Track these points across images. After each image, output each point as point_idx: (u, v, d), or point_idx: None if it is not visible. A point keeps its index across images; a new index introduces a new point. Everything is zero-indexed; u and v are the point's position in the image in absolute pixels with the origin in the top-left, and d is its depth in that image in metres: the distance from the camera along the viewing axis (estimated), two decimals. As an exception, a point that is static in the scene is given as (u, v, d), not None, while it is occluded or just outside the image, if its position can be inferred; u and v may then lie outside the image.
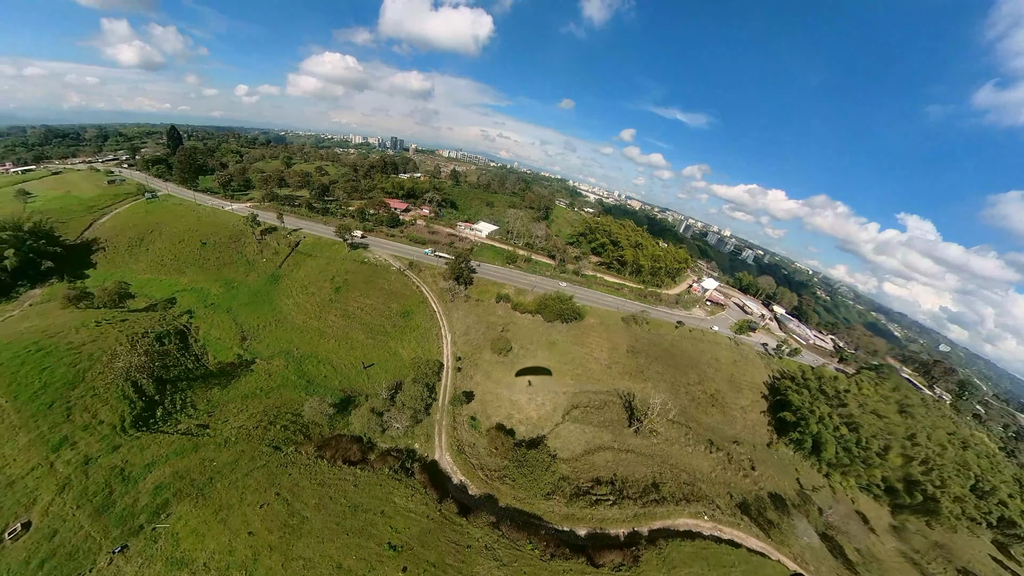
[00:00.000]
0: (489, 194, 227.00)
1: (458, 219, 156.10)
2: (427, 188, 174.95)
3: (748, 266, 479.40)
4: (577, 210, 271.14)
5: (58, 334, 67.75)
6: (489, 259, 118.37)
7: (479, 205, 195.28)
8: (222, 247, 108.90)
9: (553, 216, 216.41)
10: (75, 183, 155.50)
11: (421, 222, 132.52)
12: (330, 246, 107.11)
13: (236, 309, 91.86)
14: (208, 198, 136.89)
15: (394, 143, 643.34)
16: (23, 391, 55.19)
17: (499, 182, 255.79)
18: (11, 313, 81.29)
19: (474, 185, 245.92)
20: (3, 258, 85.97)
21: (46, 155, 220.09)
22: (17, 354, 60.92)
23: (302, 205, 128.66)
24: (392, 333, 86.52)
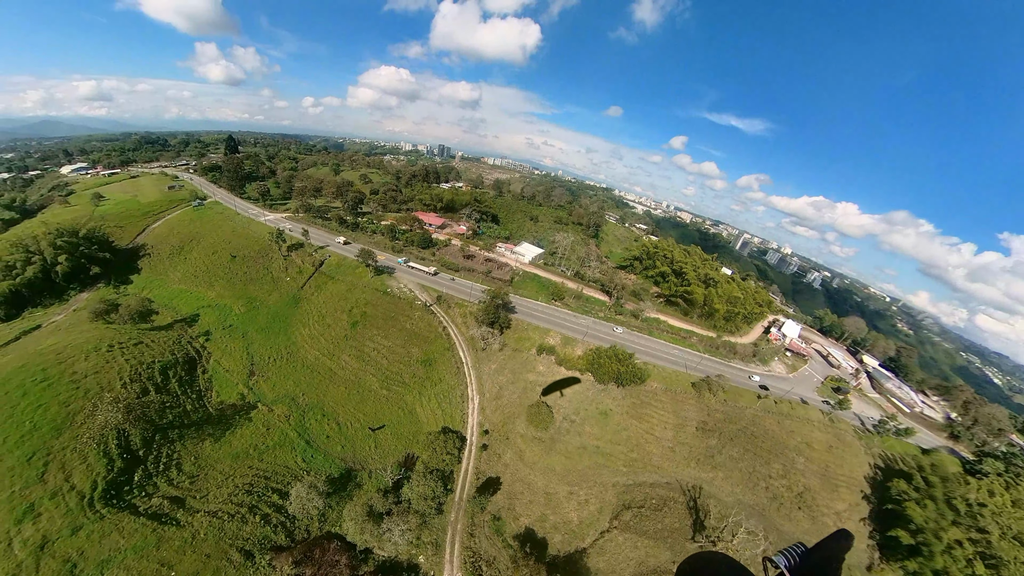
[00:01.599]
0: (533, 207, 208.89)
1: (498, 236, 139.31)
2: (467, 200, 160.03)
3: (813, 291, 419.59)
4: (628, 226, 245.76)
5: (67, 360, 61.06)
6: (531, 292, 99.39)
7: (522, 219, 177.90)
8: (250, 262, 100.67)
9: (602, 234, 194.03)
10: (142, 187, 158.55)
11: (457, 242, 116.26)
12: (353, 269, 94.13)
13: (251, 335, 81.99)
14: (249, 206, 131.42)
15: (441, 150, 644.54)
16: (13, 432, 49.16)
17: (544, 193, 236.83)
18: (55, 318, 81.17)
19: (518, 196, 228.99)
20: (56, 264, 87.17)
21: (132, 159, 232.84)
22: (23, 383, 55.48)
23: (333, 219, 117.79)
24: (410, 385, 70.69)
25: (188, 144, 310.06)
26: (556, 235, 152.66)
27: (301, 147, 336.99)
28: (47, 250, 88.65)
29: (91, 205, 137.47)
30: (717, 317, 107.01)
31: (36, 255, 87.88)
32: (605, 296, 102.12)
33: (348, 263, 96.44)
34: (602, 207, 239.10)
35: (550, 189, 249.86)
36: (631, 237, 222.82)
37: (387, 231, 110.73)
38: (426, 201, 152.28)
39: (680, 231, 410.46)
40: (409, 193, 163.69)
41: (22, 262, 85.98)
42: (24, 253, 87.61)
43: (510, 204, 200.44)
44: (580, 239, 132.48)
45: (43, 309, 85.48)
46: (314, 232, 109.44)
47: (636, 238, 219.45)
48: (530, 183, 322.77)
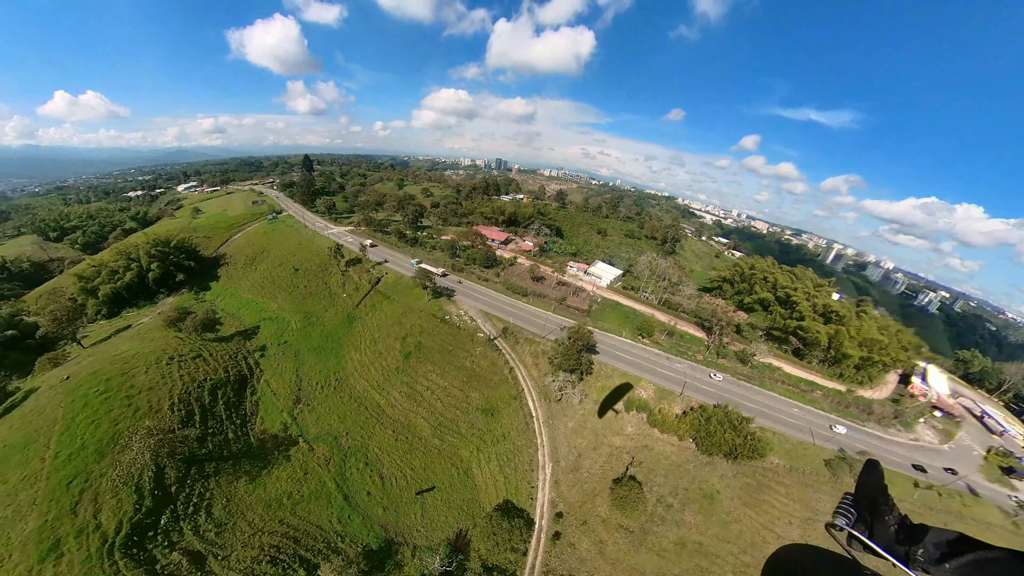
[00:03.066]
0: (599, 219, 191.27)
1: (565, 251, 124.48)
2: (530, 213, 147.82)
3: (928, 316, 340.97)
4: (706, 239, 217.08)
5: (129, 371, 59.65)
6: (613, 325, 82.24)
7: (588, 232, 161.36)
8: (310, 276, 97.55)
9: (678, 249, 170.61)
10: (233, 203, 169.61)
11: (523, 260, 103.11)
12: (410, 289, 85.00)
13: (304, 355, 76.45)
14: (316, 219, 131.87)
15: (498, 164, 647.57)
16: (65, 448, 46.80)
17: (611, 204, 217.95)
18: (143, 320, 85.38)
19: (581, 208, 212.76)
20: (149, 270, 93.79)
21: (231, 179, 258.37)
22: (87, 392, 54.41)
23: (393, 233, 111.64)
24: (468, 437, 57.97)
25: (277, 165, 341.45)
26: (630, 252, 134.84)
27: (370, 165, 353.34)
28: (143, 258, 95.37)
29: (190, 217, 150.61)
30: (846, 364, 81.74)
31: (135, 262, 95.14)
32: (702, 332, 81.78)
33: (405, 282, 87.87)
34: (677, 219, 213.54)
35: (616, 200, 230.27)
36: (711, 252, 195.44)
37: (447, 247, 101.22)
38: (487, 214, 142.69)
39: (756, 243, 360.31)
40: (469, 206, 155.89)
41: (123, 267, 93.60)
42: (126, 260, 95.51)
43: (574, 217, 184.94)
44: (656, 256, 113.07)
45: (137, 310, 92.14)
46: (376, 248, 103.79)
47: (717, 253, 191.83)
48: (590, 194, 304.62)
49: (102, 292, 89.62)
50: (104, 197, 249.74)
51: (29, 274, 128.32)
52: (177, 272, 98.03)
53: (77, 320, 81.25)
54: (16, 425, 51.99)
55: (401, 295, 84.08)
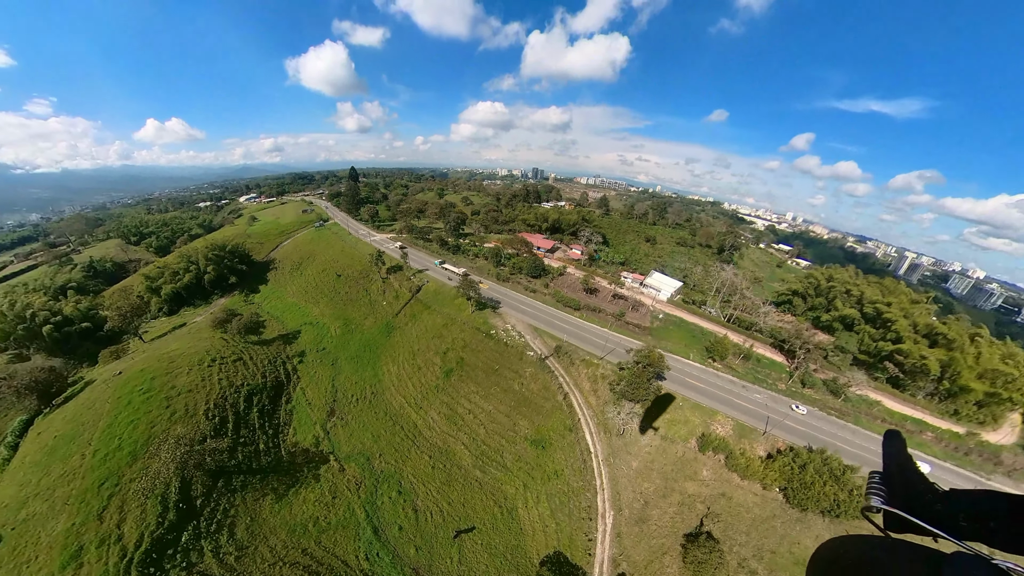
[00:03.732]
0: (646, 226, 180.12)
1: (613, 261, 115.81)
2: (575, 220, 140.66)
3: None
4: (765, 247, 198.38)
5: (173, 371, 60.06)
6: (679, 346, 72.49)
7: (635, 240, 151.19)
8: (352, 282, 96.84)
9: (736, 258, 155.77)
10: (285, 211, 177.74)
11: (574, 271, 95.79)
12: (451, 300, 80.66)
13: (341, 363, 74.57)
14: (360, 227, 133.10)
15: (535, 173, 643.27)
16: (103, 447, 46.31)
17: (657, 211, 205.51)
18: (196, 319, 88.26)
19: (626, 214, 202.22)
20: (205, 273, 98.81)
21: (285, 190, 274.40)
22: (132, 391, 54.62)
23: (434, 240, 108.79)
24: (514, 471, 51.41)
25: (327, 178, 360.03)
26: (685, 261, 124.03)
27: (412, 177, 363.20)
28: (201, 261, 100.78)
29: (247, 225, 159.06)
30: (964, 400, 66.69)
31: (194, 264, 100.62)
32: (782, 356, 70.20)
33: (447, 291, 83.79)
34: (731, 225, 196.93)
35: (663, 205, 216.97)
36: (771, 261, 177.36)
37: (491, 255, 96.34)
38: (529, 221, 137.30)
39: (816, 249, 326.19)
40: (510, 214, 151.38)
41: (183, 269, 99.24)
42: (186, 262, 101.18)
43: (619, 224, 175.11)
44: (721, 266, 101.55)
45: (193, 309, 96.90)
46: (414, 253, 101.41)
47: (779, 263, 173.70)
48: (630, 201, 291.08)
49: (164, 291, 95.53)
50: (179, 207, 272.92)
51: (111, 272, 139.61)
52: (230, 275, 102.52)
53: (140, 316, 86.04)
54: (70, 416, 53.29)
55: (442, 305, 79.94)
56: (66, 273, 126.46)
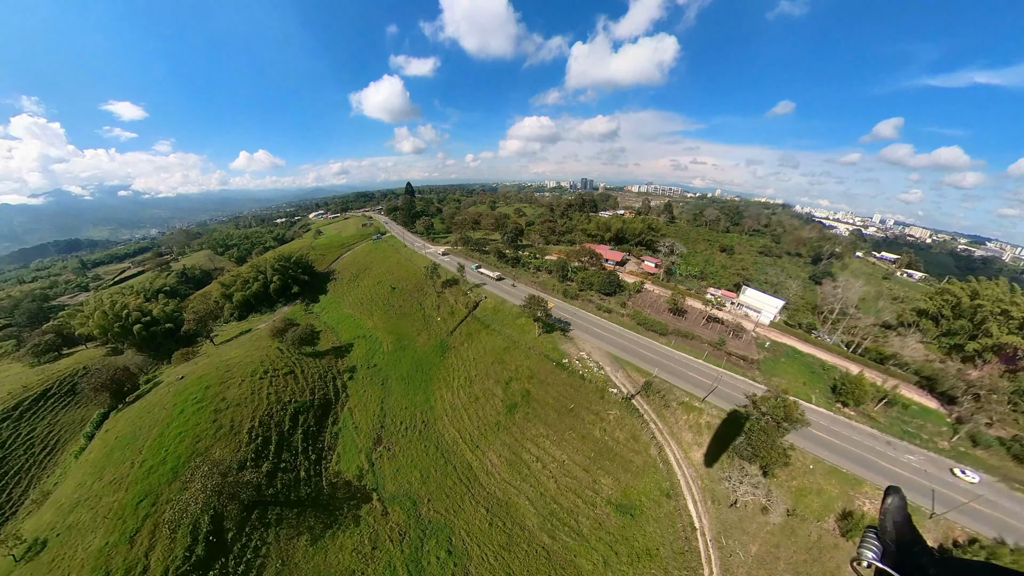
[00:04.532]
0: (719, 234, 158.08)
1: (687, 273, 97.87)
2: (640, 229, 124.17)
3: None
4: (864, 256, 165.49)
5: (226, 381, 58.44)
6: (795, 383, 54.49)
7: (708, 250, 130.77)
8: (406, 295, 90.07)
9: (835, 269, 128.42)
10: (346, 226, 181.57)
11: (652, 287, 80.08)
12: (513, 319, 69.07)
13: (391, 383, 66.94)
14: (415, 239, 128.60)
15: (584, 184, 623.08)
16: (150, 459, 44.66)
17: (731, 216, 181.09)
18: (260, 325, 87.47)
19: (694, 222, 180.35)
20: (271, 282, 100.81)
21: (349, 207, 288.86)
22: (186, 399, 53.33)
23: (491, 252, 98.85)
24: (591, 541, 37.40)
25: (386, 195, 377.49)
26: (775, 274, 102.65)
27: (463, 191, 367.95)
28: (269, 271, 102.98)
29: (312, 238, 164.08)
30: None
31: (262, 274, 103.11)
32: (934, 402, 48.39)
33: (507, 309, 72.56)
34: (825, 236, 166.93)
35: (735, 210, 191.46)
36: (874, 273, 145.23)
37: (556, 268, 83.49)
38: (590, 231, 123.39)
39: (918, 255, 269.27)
40: (567, 224, 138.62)
41: (253, 278, 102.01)
42: (256, 272, 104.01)
43: (686, 232, 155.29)
44: (833, 281, 79.97)
45: (260, 315, 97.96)
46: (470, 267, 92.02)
47: (885, 274, 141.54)
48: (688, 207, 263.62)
49: (235, 298, 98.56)
50: (260, 223, 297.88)
51: (199, 279, 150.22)
52: (293, 284, 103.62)
53: (215, 319, 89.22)
54: (133, 417, 53.14)
55: (503, 325, 68.58)
56: (163, 278, 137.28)
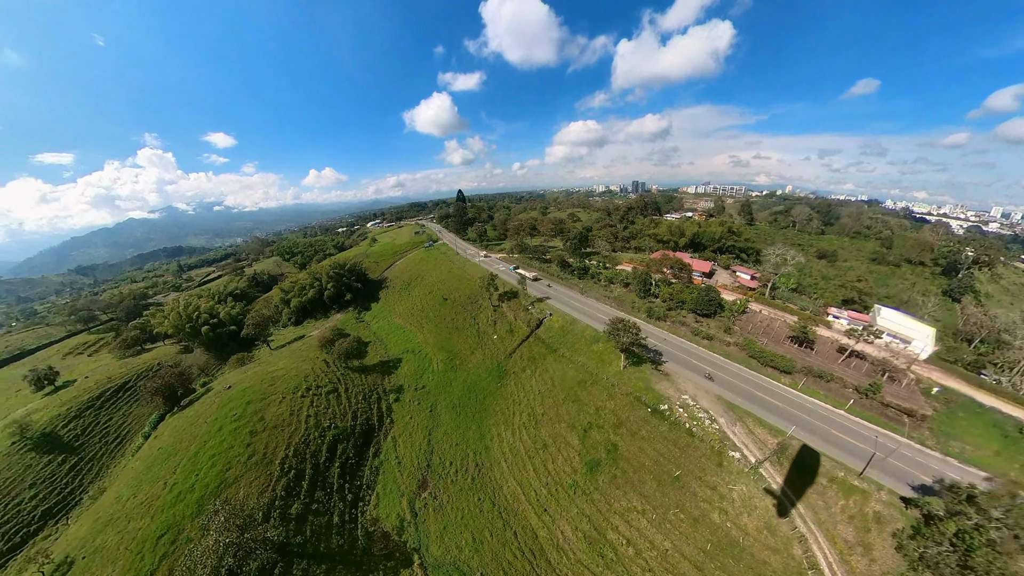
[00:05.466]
0: (811, 236, 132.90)
1: (783, 286, 77.60)
2: (719, 234, 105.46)
3: None
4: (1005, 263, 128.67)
5: (268, 397, 53.13)
6: (984, 452, 36.44)
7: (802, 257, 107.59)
8: (459, 308, 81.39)
9: (977, 283, 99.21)
10: (400, 234, 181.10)
11: (759, 307, 62.01)
12: (587, 344, 56.31)
13: (440, 411, 58.17)
14: (468, 247, 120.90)
15: (635, 187, 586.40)
16: (182, 480, 40.86)
17: (823, 217, 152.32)
18: (313, 332, 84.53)
19: (776, 223, 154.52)
20: (325, 289, 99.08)
21: (403, 216, 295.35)
22: (227, 415, 49.45)
23: (553, 260, 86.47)
24: None
25: (437, 205, 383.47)
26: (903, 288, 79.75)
27: (512, 199, 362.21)
28: (324, 278, 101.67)
29: (368, 245, 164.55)
30: None
31: (318, 281, 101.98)
32: None
33: (579, 331, 59.91)
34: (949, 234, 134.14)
35: (828, 208, 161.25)
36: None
37: (633, 281, 68.65)
38: (661, 236, 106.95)
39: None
40: (631, 228, 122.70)
41: (309, 285, 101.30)
42: (312, 279, 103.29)
43: (771, 235, 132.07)
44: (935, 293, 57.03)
45: (314, 321, 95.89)
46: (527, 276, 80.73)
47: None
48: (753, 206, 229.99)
49: (292, 304, 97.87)
50: (324, 233, 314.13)
51: (267, 283, 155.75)
52: (347, 292, 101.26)
53: (275, 323, 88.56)
54: (179, 427, 50.66)
55: (575, 351, 56.14)
56: (236, 282, 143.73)
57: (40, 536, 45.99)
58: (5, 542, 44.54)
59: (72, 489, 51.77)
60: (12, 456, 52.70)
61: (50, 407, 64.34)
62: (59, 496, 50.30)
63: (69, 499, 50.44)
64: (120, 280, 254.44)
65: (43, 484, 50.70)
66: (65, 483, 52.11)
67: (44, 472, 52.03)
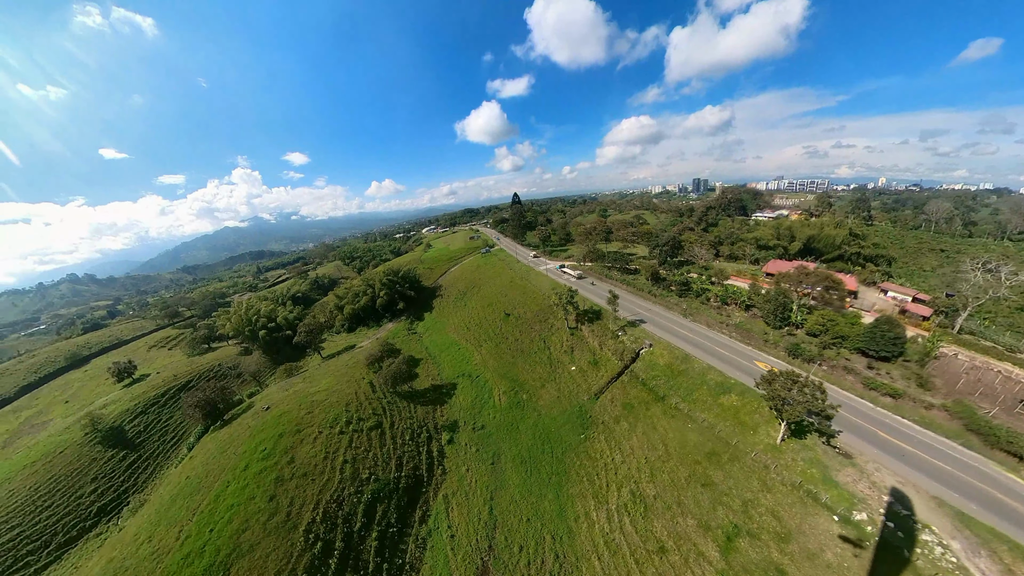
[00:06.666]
0: (957, 239, 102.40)
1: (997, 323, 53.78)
2: (840, 238, 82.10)
3: None
4: None
5: (303, 431, 45.17)
6: None
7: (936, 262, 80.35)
8: (524, 326, 68.80)
9: None
10: (454, 239, 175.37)
11: (953, 348, 41.67)
12: (714, 394, 40.30)
13: (504, 465, 45.67)
14: (528, 252, 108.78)
15: (696, 185, 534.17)
16: (194, 535, 33.86)
17: (964, 212, 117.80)
18: (364, 342, 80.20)
19: (903, 223, 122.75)
20: (378, 297, 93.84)
21: (456, 222, 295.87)
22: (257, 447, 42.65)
23: (642, 272, 70.07)
24: None
25: (489, 210, 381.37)
26: None
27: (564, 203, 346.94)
28: (377, 285, 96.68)
29: (422, 251, 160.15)
30: None
31: (371, 288, 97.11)
32: None
33: (697, 373, 43.89)
34: None
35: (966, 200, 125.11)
36: None
37: (762, 303, 50.19)
38: (764, 241, 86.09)
39: None
40: (715, 231, 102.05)
41: (362, 292, 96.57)
42: (366, 285, 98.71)
43: (898, 237, 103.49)
44: None
45: (366, 329, 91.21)
46: (603, 289, 66.00)
47: None
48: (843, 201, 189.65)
49: (346, 311, 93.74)
50: (383, 238, 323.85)
51: (327, 286, 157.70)
52: (399, 300, 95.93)
53: (324, 332, 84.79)
54: (213, 450, 45.36)
55: (694, 402, 40.67)
56: (299, 284, 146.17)
57: (93, 533, 45.15)
58: (64, 534, 44.07)
59: (127, 488, 51.12)
60: (83, 447, 53.48)
61: (122, 400, 65.27)
62: (115, 494, 49.67)
63: (123, 497, 49.75)
64: (211, 279, 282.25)
65: (103, 479, 50.72)
66: (122, 480, 51.68)
67: (106, 467, 52.27)
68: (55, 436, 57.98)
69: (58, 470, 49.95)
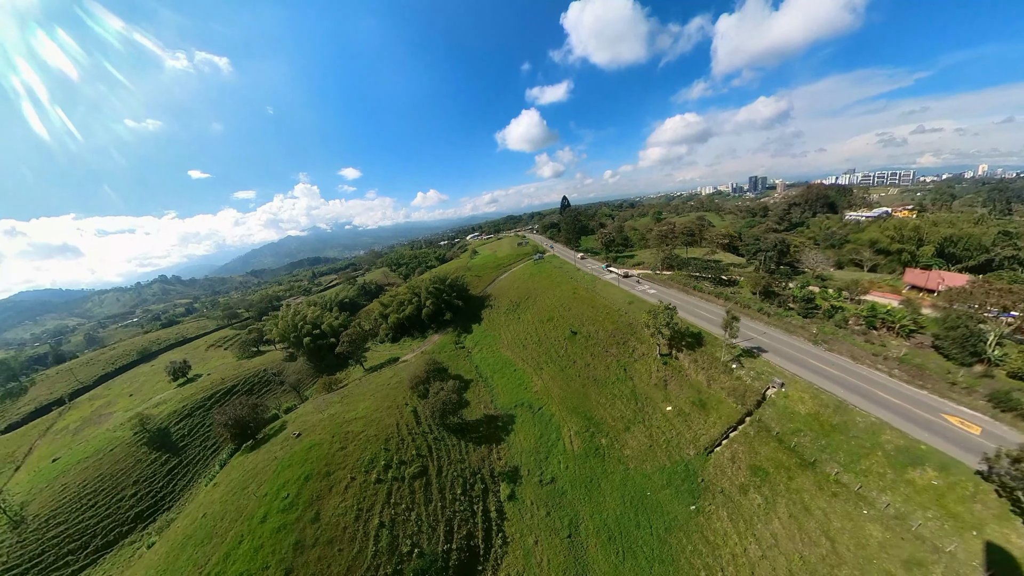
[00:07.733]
0: None
1: None
2: (989, 238, 63.44)
3: None
4: None
5: (333, 473, 37.96)
6: None
7: None
8: (597, 349, 57.73)
9: None
10: (501, 246, 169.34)
11: None
12: (898, 464, 28.28)
13: (585, 537, 35.57)
14: (589, 260, 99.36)
15: (752, 184, 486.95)
16: None
17: None
18: (408, 356, 75.46)
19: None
20: (424, 306, 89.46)
21: (500, 228, 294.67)
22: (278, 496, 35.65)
23: (743, 285, 57.10)
24: None
25: (532, 217, 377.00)
26: None
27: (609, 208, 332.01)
28: (423, 293, 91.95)
29: (468, 258, 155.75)
30: None
31: (416, 296, 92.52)
32: None
33: (863, 430, 31.70)
34: None
35: None
36: None
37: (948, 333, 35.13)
38: (881, 245, 69.39)
39: None
40: (806, 233, 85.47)
41: (407, 301, 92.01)
42: (411, 293, 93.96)
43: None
44: None
45: (411, 340, 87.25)
46: (691, 305, 54.51)
47: None
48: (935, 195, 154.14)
49: (390, 319, 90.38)
50: (428, 245, 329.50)
51: (374, 292, 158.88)
52: (446, 310, 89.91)
53: (367, 340, 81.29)
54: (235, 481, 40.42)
55: (863, 470, 28.97)
56: (347, 290, 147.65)
57: (127, 540, 44.00)
58: (102, 537, 43.36)
59: (164, 495, 50.13)
60: (131, 447, 53.49)
61: (172, 401, 64.97)
62: (152, 499, 48.81)
63: (159, 504, 48.86)
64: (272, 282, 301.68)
65: (143, 483, 50.33)
66: (161, 486, 50.94)
67: (148, 471, 51.94)
68: (109, 432, 58.70)
69: (106, 468, 50.10)
